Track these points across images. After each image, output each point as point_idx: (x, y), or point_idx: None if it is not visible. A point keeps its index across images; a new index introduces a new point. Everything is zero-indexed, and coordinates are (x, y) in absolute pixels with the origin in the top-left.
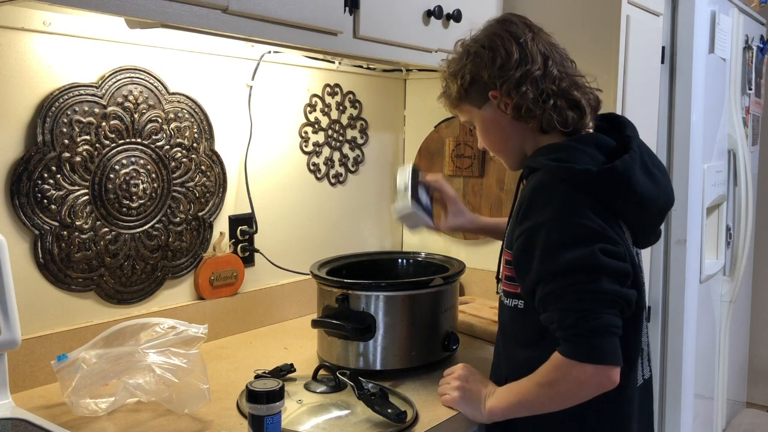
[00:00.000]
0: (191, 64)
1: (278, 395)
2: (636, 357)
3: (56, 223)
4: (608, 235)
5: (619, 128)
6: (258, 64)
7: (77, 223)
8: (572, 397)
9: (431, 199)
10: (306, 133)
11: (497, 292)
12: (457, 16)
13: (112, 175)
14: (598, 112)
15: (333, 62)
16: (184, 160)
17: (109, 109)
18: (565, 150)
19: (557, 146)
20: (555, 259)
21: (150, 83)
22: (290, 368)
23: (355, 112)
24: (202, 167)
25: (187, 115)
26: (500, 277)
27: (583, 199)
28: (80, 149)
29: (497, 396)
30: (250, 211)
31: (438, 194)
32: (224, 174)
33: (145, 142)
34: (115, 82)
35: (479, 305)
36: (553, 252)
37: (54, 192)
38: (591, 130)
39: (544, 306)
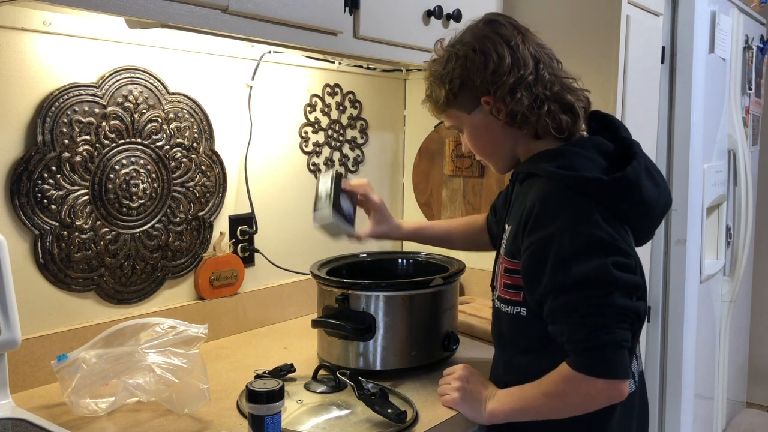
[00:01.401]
0: (191, 64)
1: (278, 395)
2: (632, 356)
3: (56, 223)
4: (620, 246)
5: (611, 129)
6: (258, 64)
7: (77, 223)
8: (580, 409)
9: (354, 206)
10: (306, 133)
11: (493, 300)
12: (457, 16)
13: (112, 175)
14: (588, 112)
15: (333, 62)
16: (184, 160)
17: (109, 109)
18: (568, 156)
19: (558, 152)
20: (567, 271)
21: (150, 83)
22: (290, 368)
23: (355, 112)
24: (202, 167)
25: (187, 115)
26: (495, 284)
27: (593, 207)
28: (80, 149)
29: (499, 399)
30: (250, 211)
31: (362, 201)
32: (224, 174)
33: (145, 142)
34: (115, 82)
35: (479, 305)
36: (565, 264)
37: (54, 192)
38: (584, 133)
39: (553, 318)
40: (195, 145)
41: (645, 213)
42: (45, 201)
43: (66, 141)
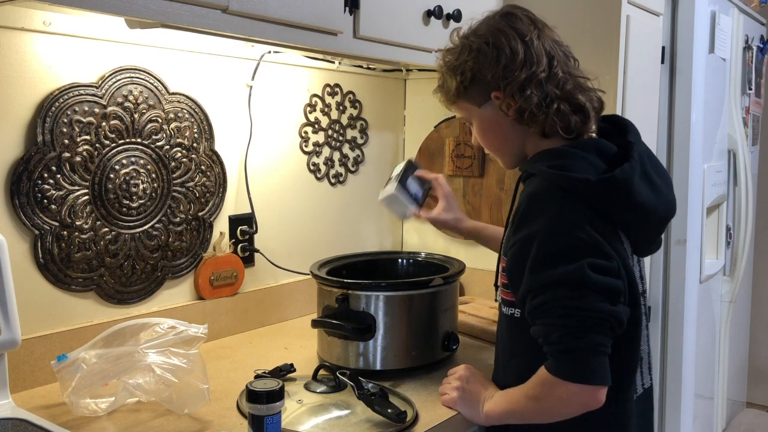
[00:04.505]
0: (191, 64)
1: (278, 395)
2: (634, 369)
3: (56, 223)
4: (601, 249)
5: (621, 132)
6: (258, 64)
7: (77, 223)
8: (556, 414)
9: (425, 192)
10: (306, 133)
11: (496, 300)
12: (457, 16)
13: (112, 175)
14: (601, 114)
15: (333, 62)
16: (184, 160)
17: (109, 109)
18: (565, 156)
19: (557, 152)
20: (545, 271)
21: (150, 83)
22: (290, 368)
23: (355, 112)
24: (202, 167)
25: (187, 115)
26: (498, 284)
27: (580, 208)
28: (80, 149)
29: (495, 400)
30: (250, 211)
31: (434, 188)
32: (224, 174)
33: (145, 142)
34: (115, 82)
35: (479, 305)
36: (544, 264)
37: (54, 192)
38: (594, 134)
39: (532, 318)
40: (195, 145)
41: (641, 219)
42: (45, 201)
43: (66, 141)
